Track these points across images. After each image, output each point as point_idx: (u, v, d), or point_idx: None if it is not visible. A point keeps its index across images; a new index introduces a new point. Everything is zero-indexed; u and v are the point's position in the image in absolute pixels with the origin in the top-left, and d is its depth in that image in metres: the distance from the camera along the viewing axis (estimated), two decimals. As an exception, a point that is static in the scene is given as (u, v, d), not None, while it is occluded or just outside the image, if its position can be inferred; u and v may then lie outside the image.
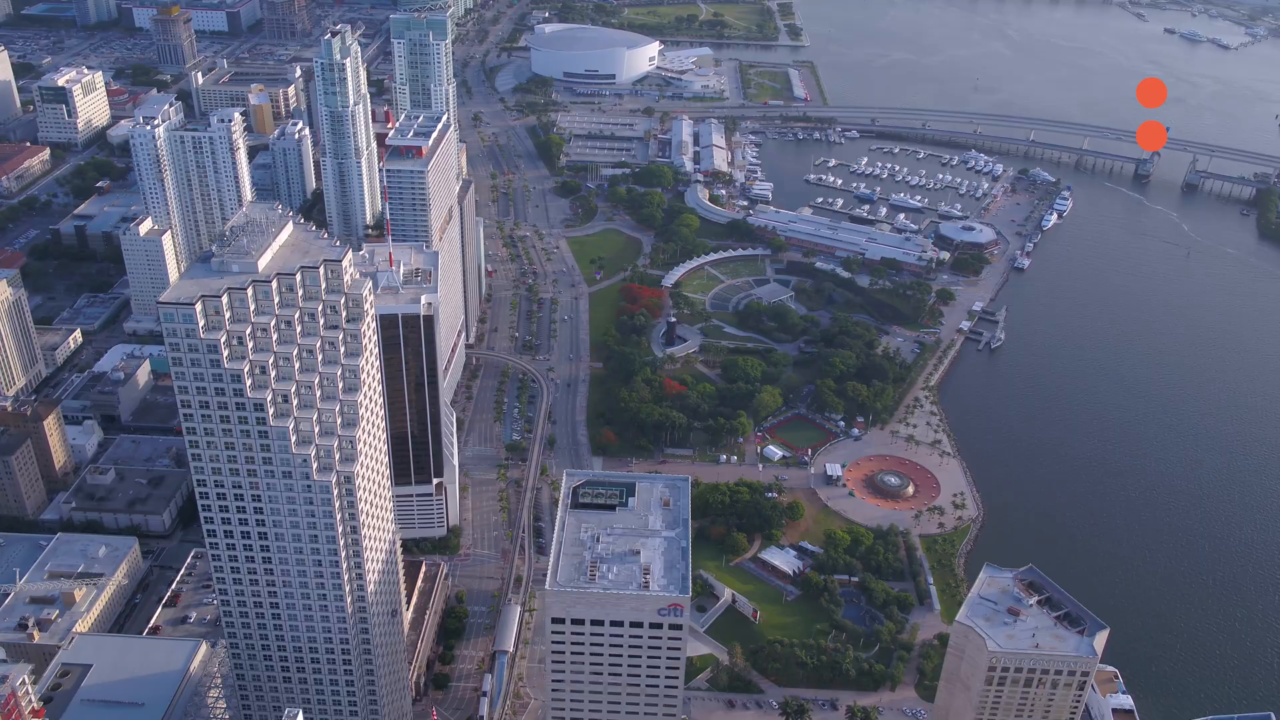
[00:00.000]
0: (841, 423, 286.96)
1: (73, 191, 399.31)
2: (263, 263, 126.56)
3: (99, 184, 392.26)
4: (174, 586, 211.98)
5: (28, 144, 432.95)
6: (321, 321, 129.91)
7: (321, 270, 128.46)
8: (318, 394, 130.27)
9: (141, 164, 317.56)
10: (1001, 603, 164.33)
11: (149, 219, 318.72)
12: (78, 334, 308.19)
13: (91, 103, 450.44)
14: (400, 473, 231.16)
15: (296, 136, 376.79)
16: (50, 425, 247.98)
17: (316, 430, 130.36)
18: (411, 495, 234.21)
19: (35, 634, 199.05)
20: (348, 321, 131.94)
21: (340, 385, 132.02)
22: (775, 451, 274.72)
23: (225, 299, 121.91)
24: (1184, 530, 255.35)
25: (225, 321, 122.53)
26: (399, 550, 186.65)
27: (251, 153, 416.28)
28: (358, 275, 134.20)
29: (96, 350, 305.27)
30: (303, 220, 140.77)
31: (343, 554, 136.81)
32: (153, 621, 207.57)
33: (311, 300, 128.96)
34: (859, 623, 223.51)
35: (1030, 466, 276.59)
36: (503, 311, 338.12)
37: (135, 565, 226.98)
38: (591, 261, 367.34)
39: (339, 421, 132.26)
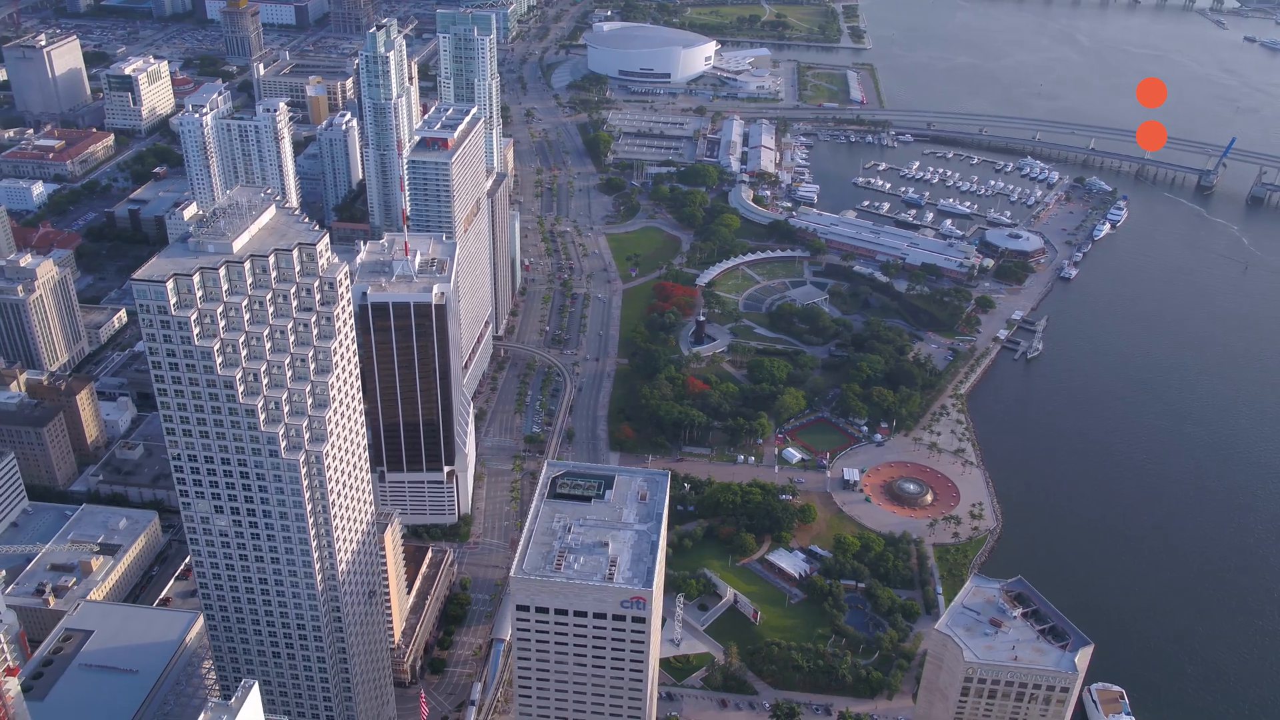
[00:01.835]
0: (865, 428, 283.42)
1: (132, 177, 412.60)
2: (238, 244, 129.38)
3: (155, 169, 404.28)
4: (188, 560, 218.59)
5: (94, 130, 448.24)
6: (295, 303, 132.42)
7: (295, 253, 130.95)
8: (288, 374, 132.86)
9: (189, 151, 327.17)
10: (984, 613, 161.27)
11: (194, 204, 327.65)
12: (122, 314, 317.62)
13: (156, 91, 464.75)
14: (411, 459, 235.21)
15: (344, 128, 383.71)
16: (83, 400, 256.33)
17: (286, 410, 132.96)
18: (422, 482, 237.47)
19: (51, 600, 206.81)
20: (321, 304, 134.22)
21: (312, 366, 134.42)
22: (794, 454, 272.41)
23: (197, 278, 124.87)
24: (1212, 554, 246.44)
25: (197, 300, 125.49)
26: (395, 533, 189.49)
27: (305, 143, 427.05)
28: (335, 259, 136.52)
29: (139, 330, 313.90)
30: (290, 207, 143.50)
31: (311, 532, 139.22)
32: (164, 593, 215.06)
33: (285, 282, 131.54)
34: (862, 629, 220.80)
35: (1056, 480, 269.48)
36: (535, 305, 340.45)
37: (154, 538, 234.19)
38: (628, 258, 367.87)
39: (309, 402, 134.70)
